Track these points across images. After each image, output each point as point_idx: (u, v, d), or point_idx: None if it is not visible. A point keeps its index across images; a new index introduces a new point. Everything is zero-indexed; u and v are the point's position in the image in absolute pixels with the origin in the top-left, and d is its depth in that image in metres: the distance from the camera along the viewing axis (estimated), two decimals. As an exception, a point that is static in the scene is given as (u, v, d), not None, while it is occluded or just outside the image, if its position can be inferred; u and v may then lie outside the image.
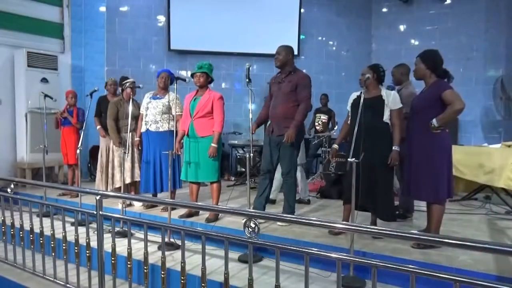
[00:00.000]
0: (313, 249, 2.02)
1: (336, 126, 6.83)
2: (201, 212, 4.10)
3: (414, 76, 3.24)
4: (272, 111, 3.75)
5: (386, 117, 3.24)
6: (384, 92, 3.30)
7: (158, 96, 4.33)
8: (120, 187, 4.64)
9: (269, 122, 3.89)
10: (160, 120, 4.25)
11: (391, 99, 3.26)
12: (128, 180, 4.57)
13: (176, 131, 4.04)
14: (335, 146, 3.49)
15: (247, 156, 3.36)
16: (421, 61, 3.12)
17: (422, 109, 3.05)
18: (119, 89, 4.97)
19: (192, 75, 3.99)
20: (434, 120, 2.95)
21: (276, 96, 3.73)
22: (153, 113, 4.27)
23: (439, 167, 3.00)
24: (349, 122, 3.46)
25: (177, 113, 4.18)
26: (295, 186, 3.80)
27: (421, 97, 3.18)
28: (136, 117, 4.53)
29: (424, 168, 3.02)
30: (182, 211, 4.07)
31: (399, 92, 3.99)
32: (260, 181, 3.82)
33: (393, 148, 3.18)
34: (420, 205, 3.80)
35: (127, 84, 4.71)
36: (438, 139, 3.01)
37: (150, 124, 4.28)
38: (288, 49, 3.70)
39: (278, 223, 3.57)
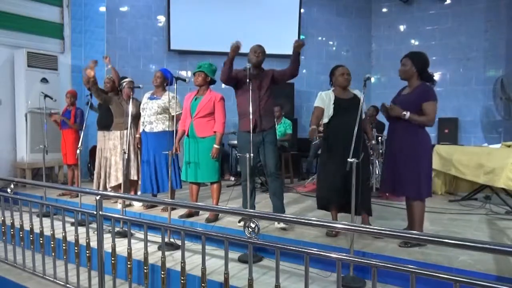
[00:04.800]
0: (313, 249, 2.02)
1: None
2: (201, 212, 4.10)
3: (400, 76, 3.21)
4: (254, 105, 3.54)
5: (363, 116, 3.31)
6: (356, 92, 3.38)
7: (155, 96, 4.33)
8: (117, 186, 4.64)
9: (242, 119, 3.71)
10: (155, 121, 4.25)
11: (362, 97, 3.31)
12: (124, 179, 4.52)
13: (176, 131, 4.04)
14: (314, 126, 3.39)
15: (247, 156, 3.35)
16: (412, 62, 3.11)
17: (407, 111, 3.06)
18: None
19: (194, 75, 4.00)
20: (408, 113, 3.02)
21: (256, 91, 3.59)
22: (148, 114, 4.27)
23: (422, 165, 3.06)
24: (324, 121, 3.40)
25: (177, 113, 4.18)
26: (283, 184, 3.77)
27: (405, 99, 3.16)
28: (136, 116, 4.53)
29: (408, 166, 3.06)
30: (182, 211, 4.07)
31: None
32: (243, 186, 3.60)
33: (373, 142, 3.37)
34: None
35: (124, 83, 4.72)
36: (421, 138, 3.08)
37: (146, 125, 4.30)
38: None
39: (278, 226, 3.54)
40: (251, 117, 3.43)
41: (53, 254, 3.14)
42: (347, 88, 3.41)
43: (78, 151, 4.50)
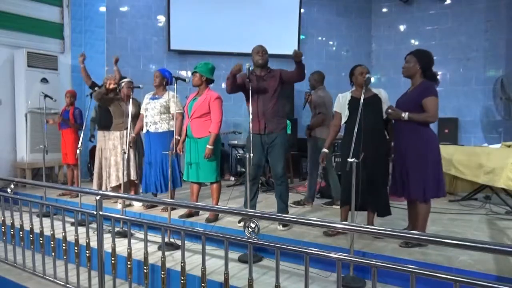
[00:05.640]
0: (313, 249, 2.02)
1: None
2: (201, 212, 4.10)
3: (403, 73, 3.18)
4: (262, 108, 3.60)
5: (384, 115, 3.26)
6: (376, 91, 3.32)
7: (156, 96, 4.33)
8: (117, 186, 4.64)
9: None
10: (159, 121, 4.26)
11: (385, 96, 3.31)
12: (124, 179, 4.53)
13: (175, 130, 4.05)
14: (325, 150, 3.40)
15: (247, 156, 3.35)
16: (416, 60, 3.09)
17: (408, 109, 3.05)
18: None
19: None
20: (406, 114, 3.00)
21: (261, 92, 3.61)
22: (151, 114, 4.27)
23: (428, 165, 3.02)
24: (342, 123, 3.39)
25: (177, 111, 4.18)
26: (288, 187, 3.77)
27: (407, 97, 3.16)
28: (136, 116, 4.53)
29: (413, 167, 3.03)
30: (182, 211, 4.07)
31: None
32: (250, 186, 3.59)
33: (392, 144, 3.26)
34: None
35: (123, 84, 4.71)
36: (425, 138, 3.04)
37: (150, 125, 4.30)
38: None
39: (279, 228, 3.54)
40: (251, 117, 3.42)
41: (53, 254, 3.14)
42: (368, 88, 3.30)
43: (78, 151, 4.50)
